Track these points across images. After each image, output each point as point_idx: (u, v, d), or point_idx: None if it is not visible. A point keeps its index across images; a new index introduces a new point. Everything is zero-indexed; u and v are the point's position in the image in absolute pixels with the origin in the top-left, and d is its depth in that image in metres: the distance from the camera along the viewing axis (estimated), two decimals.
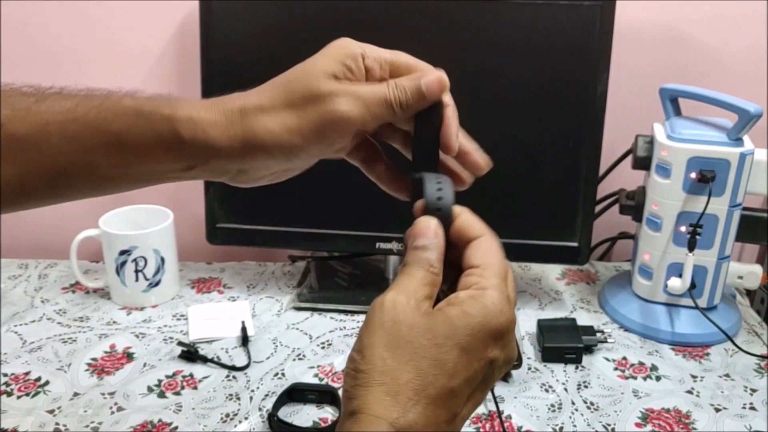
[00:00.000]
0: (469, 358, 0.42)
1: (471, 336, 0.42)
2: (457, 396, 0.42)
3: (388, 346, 0.41)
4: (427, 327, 0.42)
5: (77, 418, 0.78)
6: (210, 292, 1.04)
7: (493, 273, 0.44)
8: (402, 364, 0.41)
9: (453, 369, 0.41)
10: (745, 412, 0.82)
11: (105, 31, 1.07)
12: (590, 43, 0.90)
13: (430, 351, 0.41)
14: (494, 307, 0.43)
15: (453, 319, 0.42)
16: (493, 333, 0.43)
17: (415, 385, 0.41)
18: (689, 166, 0.88)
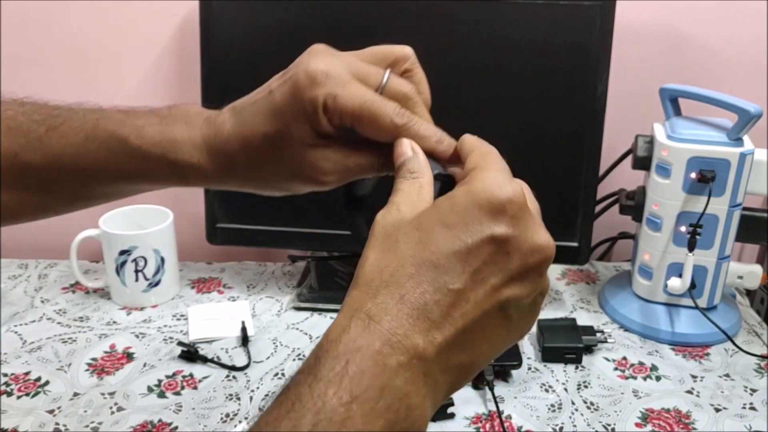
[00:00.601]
0: (454, 232, 0.38)
1: (455, 213, 0.39)
2: (445, 271, 0.38)
3: (372, 246, 0.40)
4: (411, 219, 0.40)
5: (77, 418, 0.78)
6: (210, 292, 1.04)
7: (486, 165, 0.42)
8: (383, 254, 0.39)
9: (434, 244, 0.38)
10: (745, 412, 0.82)
11: (105, 30, 1.07)
12: (590, 43, 0.90)
13: (412, 234, 0.39)
14: (484, 183, 0.40)
15: (439, 203, 0.40)
16: (486, 205, 0.39)
17: (390, 269, 0.38)
18: (689, 166, 0.88)
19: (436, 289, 0.38)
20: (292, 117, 0.47)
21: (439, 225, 0.39)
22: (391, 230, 0.40)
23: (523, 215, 0.40)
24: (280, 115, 0.48)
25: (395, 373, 0.36)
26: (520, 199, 0.40)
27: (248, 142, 0.50)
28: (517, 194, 0.39)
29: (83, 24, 1.07)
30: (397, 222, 0.40)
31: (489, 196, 0.39)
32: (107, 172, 0.53)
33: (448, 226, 0.38)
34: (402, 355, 0.36)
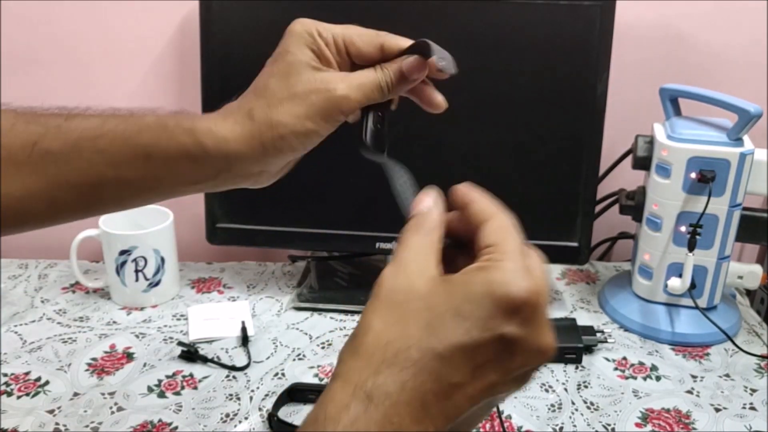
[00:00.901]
0: (465, 325, 0.37)
1: (470, 302, 0.37)
2: (449, 363, 0.37)
3: (378, 312, 0.39)
4: (424, 291, 0.39)
5: (77, 418, 0.78)
6: (210, 292, 1.04)
7: (506, 248, 0.40)
8: (389, 326, 0.38)
9: (443, 332, 0.37)
10: (745, 412, 0.82)
11: (105, 30, 1.07)
12: (590, 43, 0.90)
13: (421, 314, 0.38)
14: (504, 276, 0.38)
15: (454, 284, 0.39)
16: (502, 303, 0.37)
17: (395, 347, 0.37)
18: (689, 166, 0.88)
19: (436, 380, 0.37)
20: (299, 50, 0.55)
21: (451, 312, 0.37)
22: (400, 299, 0.39)
23: (536, 317, 0.38)
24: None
25: None
26: (537, 300, 0.38)
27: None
28: (533, 294, 0.38)
29: (83, 24, 1.07)
30: (406, 290, 0.39)
31: (507, 293, 0.37)
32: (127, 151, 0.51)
33: (460, 315, 0.37)
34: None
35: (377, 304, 0.39)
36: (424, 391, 0.37)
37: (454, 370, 0.37)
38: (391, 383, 0.36)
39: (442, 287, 0.39)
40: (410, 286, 0.39)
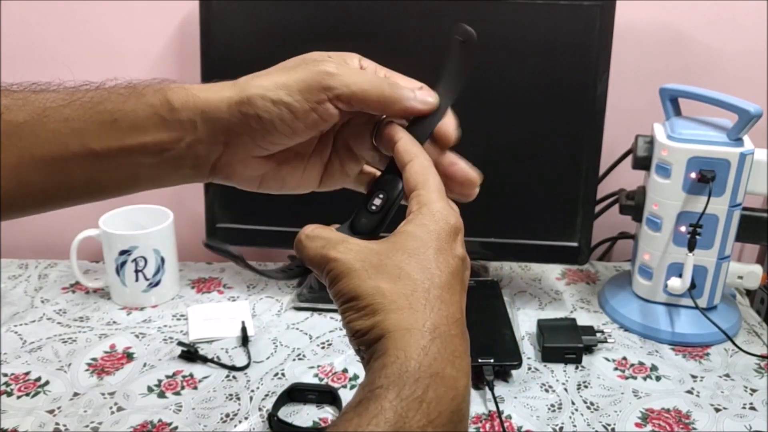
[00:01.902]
0: (445, 256, 0.45)
1: (437, 238, 0.45)
2: (453, 290, 0.44)
3: (373, 277, 0.43)
4: (395, 248, 0.45)
5: (77, 418, 0.78)
6: (210, 292, 1.04)
7: (429, 187, 0.47)
8: (396, 282, 0.43)
9: (438, 268, 0.44)
10: (745, 412, 0.82)
11: (105, 31, 1.07)
12: (590, 43, 0.90)
13: (411, 262, 0.44)
14: (441, 211, 0.46)
15: (414, 231, 0.45)
16: (452, 231, 0.46)
17: (419, 294, 0.42)
18: (689, 166, 0.88)
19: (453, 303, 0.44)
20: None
21: (431, 250, 0.45)
22: (372, 258, 0.45)
23: (462, 238, 0.47)
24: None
25: (463, 398, 0.41)
26: (462, 225, 0.47)
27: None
28: (461, 221, 0.47)
29: (83, 24, 1.07)
30: (374, 250, 0.46)
31: (452, 225, 0.46)
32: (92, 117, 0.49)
33: (438, 250, 0.45)
34: (463, 371, 0.41)
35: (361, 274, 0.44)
36: (453, 317, 0.43)
37: (455, 293, 0.44)
38: (438, 318, 0.42)
39: (406, 237, 0.46)
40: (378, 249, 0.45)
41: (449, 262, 0.45)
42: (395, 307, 0.42)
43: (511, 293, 1.05)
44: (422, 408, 0.38)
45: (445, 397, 0.39)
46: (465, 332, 0.44)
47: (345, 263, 0.45)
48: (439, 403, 0.39)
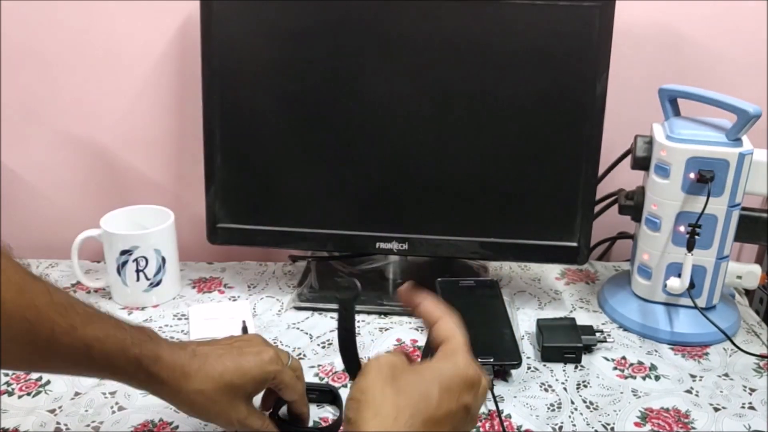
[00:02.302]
0: (448, 396, 0.52)
1: (449, 378, 0.53)
2: (442, 425, 0.51)
3: (385, 386, 0.52)
4: (414, 371, 0.54)
5: (78, 418, 0.79)
6: (211, 292, 1.05)
7: (457, 342, 0.56)
8: (397, 396, 0.51)
9: (437, 402, 0.51)
10: (744, 412, 0.82)
11: (106, 31, 1.08)
12: (590, 43, 0.91)
13: (418, 387, 0.52)
14: (464, 361, 0.55)
15: (434, 367, 0.54)
16: (466, 381, 0.53)
17: (408, 412, 0.50)
18: (688, 166, 0.89)
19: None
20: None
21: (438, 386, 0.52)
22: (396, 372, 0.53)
23: (479, 393, 0.55)
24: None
25: None
26: (481, 381, 0.55)
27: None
28: (480, 376, 0.55)
29: (84, 24, 1.07)
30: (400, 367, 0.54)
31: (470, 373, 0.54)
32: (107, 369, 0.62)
33: (444, 388, 0.52)
34: None
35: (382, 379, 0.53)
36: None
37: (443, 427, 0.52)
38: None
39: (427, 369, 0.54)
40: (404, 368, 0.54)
41: (451, 403, 0.52)
42: (381, 413, 0.50)
43: (511, 293, 1.05)
44: None
45: None
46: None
47: (378, 361, 0.54)
48: None
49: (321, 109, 0.96)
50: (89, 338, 0.59)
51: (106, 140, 1.14)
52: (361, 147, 0.96)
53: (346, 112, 0.95)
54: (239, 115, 0.96)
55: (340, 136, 0.96)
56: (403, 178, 0.97)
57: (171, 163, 1.15)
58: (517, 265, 1.13)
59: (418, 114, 0.95)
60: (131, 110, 1.12)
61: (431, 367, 0.54)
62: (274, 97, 0.96)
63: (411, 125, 0.95)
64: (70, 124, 1.12)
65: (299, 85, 0.95)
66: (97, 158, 1.14)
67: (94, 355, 0.59)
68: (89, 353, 0.59)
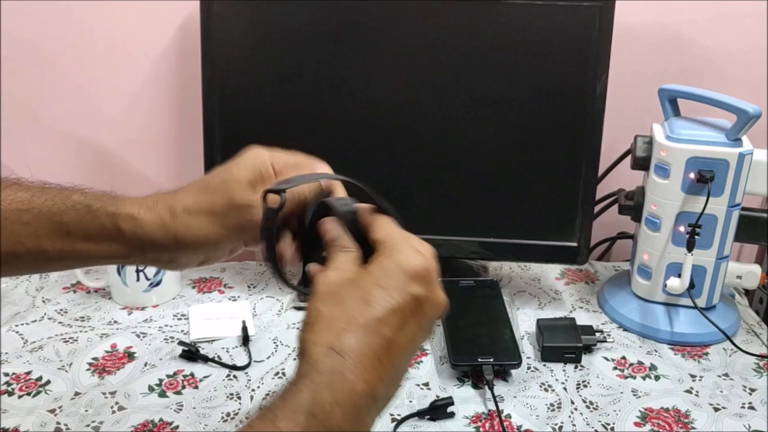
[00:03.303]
0: (388, 292, 0.50)
1: (385, 276, 0.51)
2: (385, 323, 0.49)
3: (323, 301, 0.51)
4: (351, 279, 0.52)
5: (78, 418, 0.79)
6: (211, 292, 1.05)
7: (395, 238, 0.53)
8: (334, 307, 0.50)
9: (375, 301, 0.50)
10: (744, 412, 0.82)
11: (106, 31, 1.08)
12: (589, 43, 0.91)
13: (354, 293, 0.50)
14: (402, 254, 0.52)
15: (370, 269, 0.52)
16: (408, 272, 0.51)
17: (345, 318, 0.49)
18: (688, 166, 0.89)
19: (379, 336, 0.49)
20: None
21: (375, 286, 0.50)
22: (335, 288, 0.51)
23: (431, 280, 0.52)
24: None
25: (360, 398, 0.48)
26: (429, 268, 0.52)
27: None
28: (426, 263, 0.52)
29: (84, 25, 1.07)
30: (339, 282, 0.52)
31: (410, 264, 0.51)
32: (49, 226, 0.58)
33: (382, 287, 0.50)
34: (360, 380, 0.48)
35: (318, 297, 0.51)
36: (374, 346, 0.49)
37: (388, 328, 0.50)
38: (354, 342, 0.48)
39: (364, 272, 0.52)
40: (341, 279, 0.52)
41: (392, 298, 0.50)
42: (319, 327, 0.49)
43: (511, 293, 1.05)
44: (329, 390, 0.46)
45: (346, 391, 0.47)
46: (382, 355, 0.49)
47: (316, 285, 0.52)
48: (342, 393, 0.47)
49: (320, 108, 0.96)
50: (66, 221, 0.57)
51: (106, 140, 1.14)
52: (360, 147, 0.96)
53: (346, 112, 0.95)
54: (239, 115, 0.96)
55: (340, 135, 0.96)
56: (403, 178, 0.97)
57: (171, 163, 1.15)
58: (517, 265, 1.13)
59: (417, 114, 0.95)
60: (131, 110, 1.12)
61: (369, 270, 0.52)
62: (274, 97, 0.96)
63: (410, 126, 0.95)
64: (70, 124, 1.12)
65: (299, 85, 0.95)
66: (97, 158, 1.14)
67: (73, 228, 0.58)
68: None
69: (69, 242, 0.58)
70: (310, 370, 0.47)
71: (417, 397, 0.83)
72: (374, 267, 0.52)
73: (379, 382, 0.49)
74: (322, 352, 0.48)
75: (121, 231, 0.58)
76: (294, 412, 0.45)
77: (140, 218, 0.58)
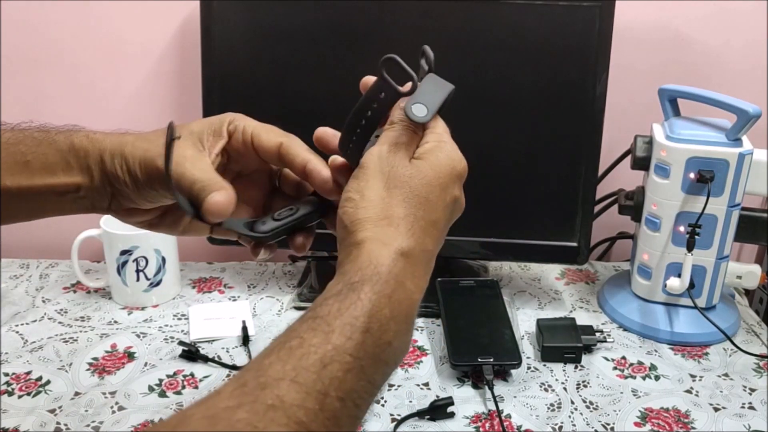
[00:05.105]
0: (444, 194, 0.51)
1: (446, 176, 0.51)
2: (438, 226, 0.50)
3: (387, 187, 0.50)
4: (415, 171, 0.51)
5: (78, 418, 0.79)
6: (211, 292, 1.05)
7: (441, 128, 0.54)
8: (398, 202, 0.49)
9: (435, 204, 0.50)
10: (744, 412, 0.82)
11: (106, 31, 1.08)
12: (589, 43, 0.91)
13: (420, 190, 0.50)
14: (455, 154, 0.52)
15: (433, 165, 0.51)
16: (458, 175, 0.52)
17: (409, 219, 0.49)
18: (688, 166, 0.89)
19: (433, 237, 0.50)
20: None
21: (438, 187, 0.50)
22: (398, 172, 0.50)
23: (462, 182, 0.53)
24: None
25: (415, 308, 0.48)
26: (465, 165, 0.53)
27: None
28: (466, 165, 0.53)
29: (84, 25, 1.07)
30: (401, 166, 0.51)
31: (460, 169, 0.52)
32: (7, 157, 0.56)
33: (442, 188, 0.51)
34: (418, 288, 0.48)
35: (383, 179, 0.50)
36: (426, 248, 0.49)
37: (439, 229, 0.51)
38: (415, 245, 0.48)
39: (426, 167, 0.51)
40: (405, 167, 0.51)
41: (446, 200, 0.51)
42: (382, 223, 0.48)
43: (511, 293, 1.05)
44: (389, 303, 0.45)
45: (404, 301, 0.46)
46: (431, 261, 0.50)
47: (369, 160, 0.51)
48: (400, 304, 0.46)
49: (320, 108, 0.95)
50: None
51: None
52: None
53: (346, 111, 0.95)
54: None
55: None
56: None
57: None
58: (517, 265, 1.13)
59: None
60: (131, 110, 1.12)
61: (431, 163, 0.51)
62: (274, 97, 0.96)
63: None
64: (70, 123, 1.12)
65: (299, 85, 0.95)
66: None
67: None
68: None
69: (28, 175, 0.55)
70: (373, 276, 0.46)
71: (417, 397, 0.83)
72: (435, 162, 0.51)
73: (424, 288, 0.49)
74: (391, 258, 0.47)
75: (75, 150, 0.56)
76: (351, 325, 0.43)
77: (95, 135, 0.57)
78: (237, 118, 0.58)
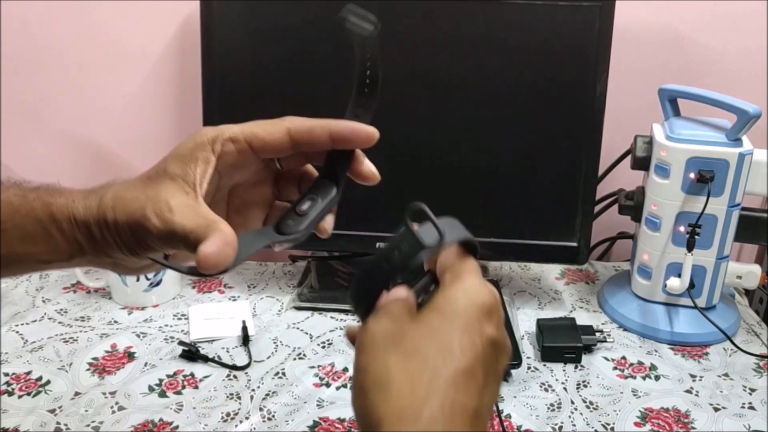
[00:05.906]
0: (470, 336, 0.41)
1: (464, 314, 0.42)
2: (475, 376, 0.40)
3: (388, 356, 0.41)
4: (419, 323, 0.42)
5: (78, 418, 0.79)
6: (211, 292, 1.05)
7: (462, 265, 0.45)
8: (406, 363, 0.40)
9: (459, 348, 0.40)
10: (744, 412, 0.82)
11: (106, 31, 1.08)
12: (590, 43, 0.91)
13: (431, 341, 0.41)
14: (474, 286, 0.44)
15: (441, 309, 0.43)
16: (483, 309, 0.43)
17: (426, 377, 0.39)
18: (688, 166, 0.89)
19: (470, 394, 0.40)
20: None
21: (456, 329, 0.41)
22: (396, 334, 0.42)
23: (500, 316, 0.44)
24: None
25: None
26: (498, 301, 0.44)
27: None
28: (496, 295, 0.44)
29: (84, 26, 1.07)
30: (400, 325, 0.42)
31: (484, 300, 0.43)
32: None
33: (463, 328, 0.41)
34: None
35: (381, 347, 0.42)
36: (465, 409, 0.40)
37: (477, 381, 0.41)
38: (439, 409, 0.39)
39: (433, 315, 0.42)
40: (404, 325, 0.42)
41: (475, 343, 0.41)
42: (396, 393, 0.39)
43: (511, 293, 1.05)
44: None
45: None
46: (476, 424, 0.40)
47: (369, 333, 0.43)
48: None
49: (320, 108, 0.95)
50: None
51: (106, 140, 1.14)
52: None
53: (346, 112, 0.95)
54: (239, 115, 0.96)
55: None
56: (404, 178, 0.97)
57: None
58: (517, 265, 1.13)
59: (417, 115, 0.95)
60: (131, 110, 1.12)
61: (438, 308, 0.43)
62: (274, 97, 0.95)
63: (410, 126, 0.95)
64: (71, 124, 1.12)
65: (299, 85, 0.95)
66: (97, 158, 1.14)
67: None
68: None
69: (7, 244, 0.51)
70: None
71: None
72: (445, 303, 0.43)
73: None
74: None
75: (55, 220, 0.50)
76: None
77: (75, 204, 0.50)
78: (217, 134, 0.51)
